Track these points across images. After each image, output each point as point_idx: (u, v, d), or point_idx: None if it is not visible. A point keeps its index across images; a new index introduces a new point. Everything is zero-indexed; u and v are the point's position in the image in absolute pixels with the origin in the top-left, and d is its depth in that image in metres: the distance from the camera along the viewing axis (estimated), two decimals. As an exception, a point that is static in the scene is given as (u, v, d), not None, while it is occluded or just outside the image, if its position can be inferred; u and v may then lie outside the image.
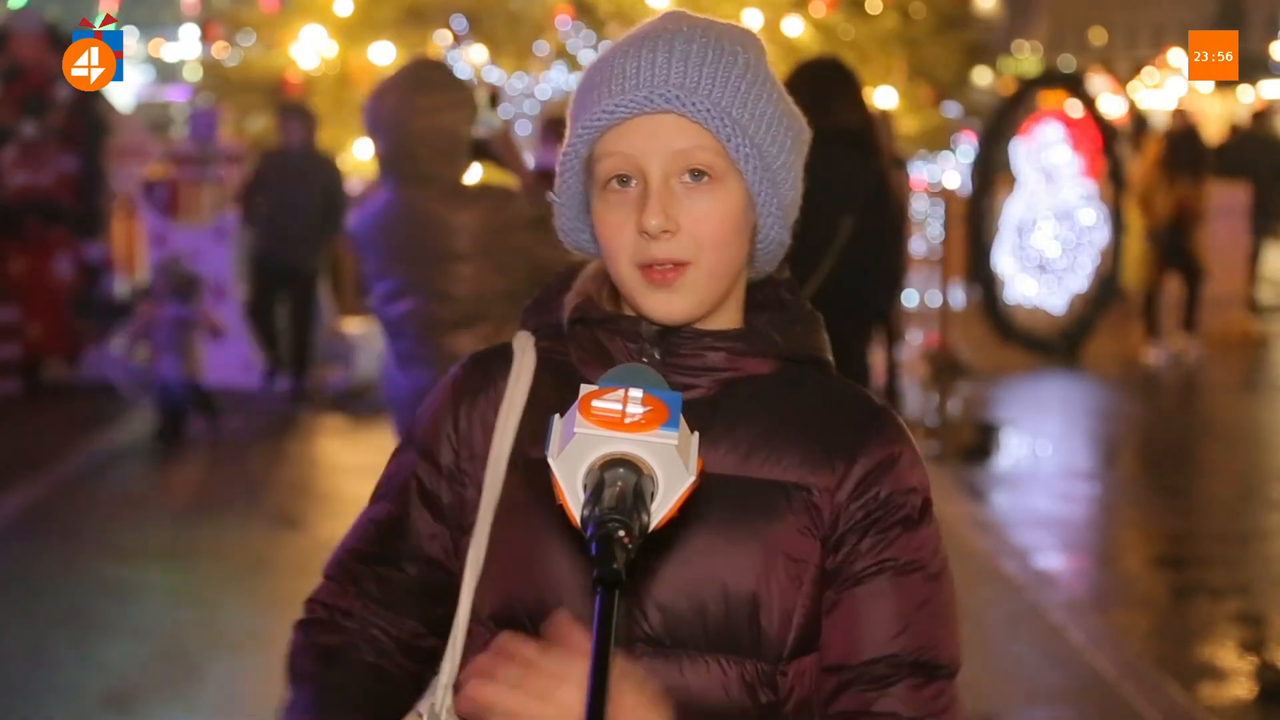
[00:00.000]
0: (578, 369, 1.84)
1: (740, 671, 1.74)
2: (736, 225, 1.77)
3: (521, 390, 1.85)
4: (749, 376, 1.82)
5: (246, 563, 7.32)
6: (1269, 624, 6.71)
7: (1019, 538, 7.89)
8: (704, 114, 1.73)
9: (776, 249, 1.84)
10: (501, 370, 1.87)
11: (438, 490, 1.87)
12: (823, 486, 1.78)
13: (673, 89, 1.72)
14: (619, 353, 1.80)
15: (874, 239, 5.14)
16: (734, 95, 1.75)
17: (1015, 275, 13.98)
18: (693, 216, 1.74)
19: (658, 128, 1.74)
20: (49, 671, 5.83)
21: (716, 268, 1.77)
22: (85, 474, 9.26)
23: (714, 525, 1.74)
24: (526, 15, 12.85)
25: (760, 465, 1.77)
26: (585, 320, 1.84)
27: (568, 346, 1.86)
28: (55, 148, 11.77)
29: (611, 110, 1.74)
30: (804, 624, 1.76)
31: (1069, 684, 5.88)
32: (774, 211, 1.79)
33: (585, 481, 1.54)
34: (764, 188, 1.77)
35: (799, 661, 1.77)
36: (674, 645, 1.74)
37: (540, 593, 1.76)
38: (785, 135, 1.80)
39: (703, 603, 1.74)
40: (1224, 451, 10.69)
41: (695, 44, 1.76)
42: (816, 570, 1.77)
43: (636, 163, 1.74)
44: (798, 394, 1.83)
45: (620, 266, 1.78)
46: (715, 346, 1.80)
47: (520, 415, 1.84)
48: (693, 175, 1.75)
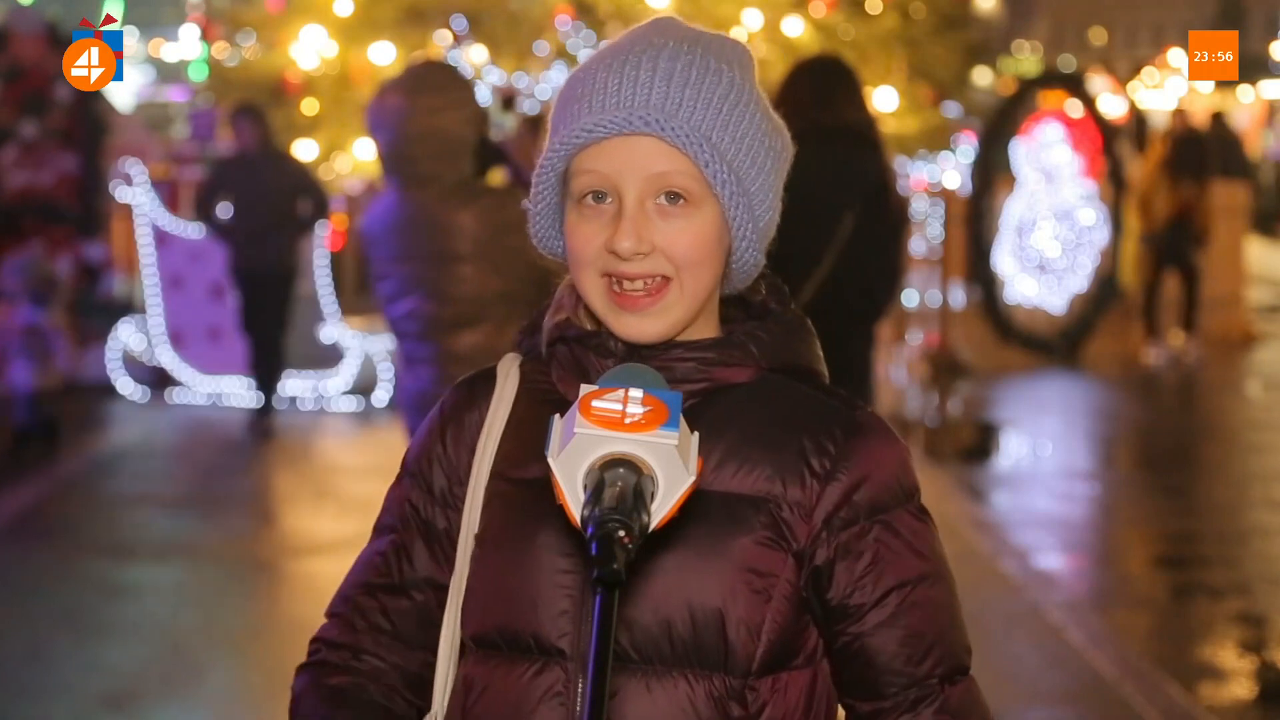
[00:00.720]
0: (556, 386, 1.83)
1: (708, 687, 1.73)
2: (710, 249, 1.76)
3: (502, 414, 1.84)
4: (728, 386, 1.79)
5: (246, 563, 7.32)
6: (1269, 624, 6.71)
7: (1019, 538, 7.89)
8: (683, 139, 1.71)
9: (749, 270, 1.82)
10: (485, 393, 1.87)
11: (432, 517, 1.87)
12: (794, 500, 1.76)
13: (652, 111, 1.71)
14: (593, 368, 1.79)
15: (875, 236, 5.14)
16: (715, 118, 1.73)
17: (1015, 275, 13.98)
18: (667, 238, 1.73)
19: (635, 149, 1.72)
20: (48, 671, 5.83)
21: (692, 289, 1.75)
22: (85, 474, 9.26)
23: (683, 540, 1.72)
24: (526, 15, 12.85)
25: (730, 478, 1.75)
26: (564, 339, 1.83)
27: (548, 367, 1.85)
28: (55, 148, 11.77)
29: (590, 129, 1.72)
30: (774, 639, 1.75)
31: (1069, 684, 5.88)
32: (749, 235, 1.77)
33: (585, 481, 1.54)
34: (740, 212, 1.75)
35: (774, 678, 1.76)
36: (641, 661, 1.73)
37: (512, 608, 1.76)
38: (765, 157, 1.78)
39: (669, 619, 1.73)
40: (1223, 451, 10.69)
41: (680, 61, 1.74)
42: (788, 585, 1.75)
43: (612, 182, 1.73)
44: (773, 404, 1.80)
45: (585, 276, 1.77)
46: (685, 357, 1.78)
47: (499, 438, 1.83)
48: (668, 198, 1.73)
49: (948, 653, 1.78)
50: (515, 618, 1.76)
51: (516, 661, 1.76)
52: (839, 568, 1.76)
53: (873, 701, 1.78)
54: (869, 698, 1.79)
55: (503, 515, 1.80)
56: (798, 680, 1.78)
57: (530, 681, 1.75)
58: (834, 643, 1.79)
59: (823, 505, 1.76)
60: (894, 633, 1.76)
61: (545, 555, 1.76)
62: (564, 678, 1.74)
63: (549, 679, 1.75)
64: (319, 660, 1.89)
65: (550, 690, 1.74)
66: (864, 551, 1.76)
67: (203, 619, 6.62)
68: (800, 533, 1.76)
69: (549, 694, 1.74)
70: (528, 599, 1.76)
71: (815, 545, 1.76)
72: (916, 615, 1.77)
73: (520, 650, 1.76)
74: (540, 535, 1.76)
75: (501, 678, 1.77)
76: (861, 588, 1.76)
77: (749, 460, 1.76)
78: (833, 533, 1.76)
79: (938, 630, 1.78)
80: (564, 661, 1.74)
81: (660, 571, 1.72)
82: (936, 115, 14.81)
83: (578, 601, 1.74)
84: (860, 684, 1.79)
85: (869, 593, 1.76)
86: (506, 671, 1.77)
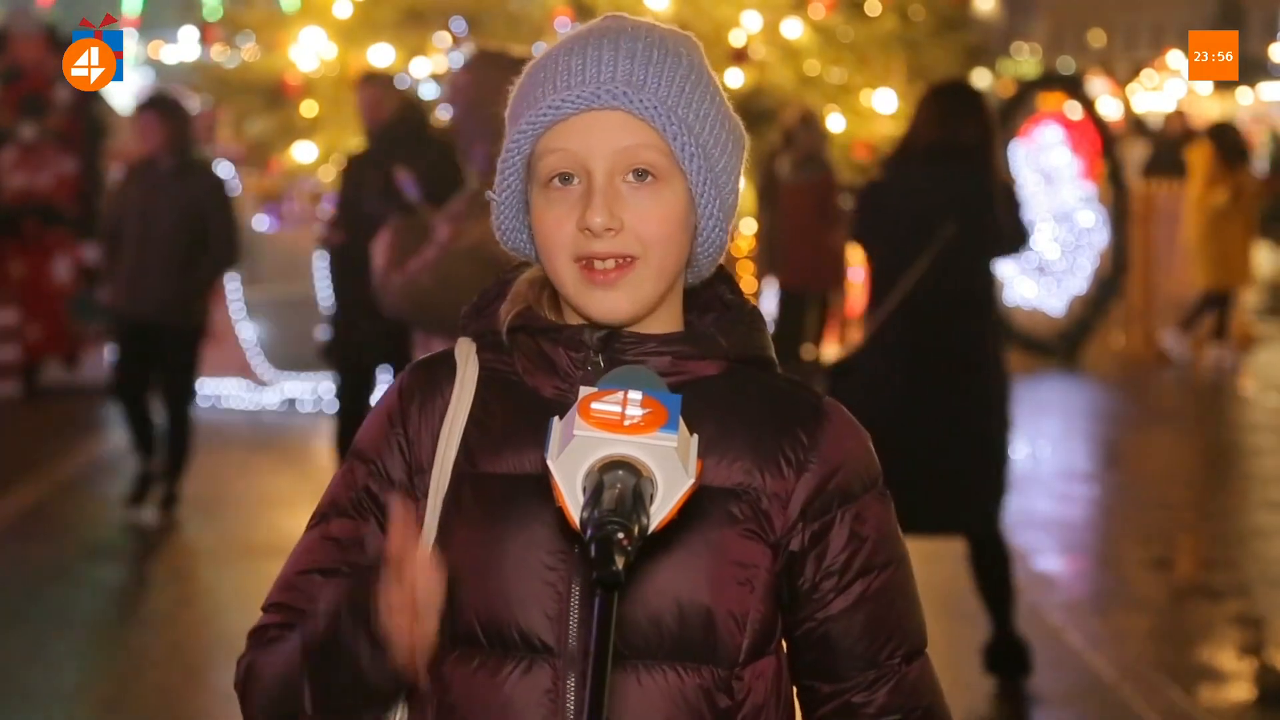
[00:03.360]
0: (523, 378, 1.81)
1: (697, 679, 1.74)
2: (679, 225, 1.76)
3: (465, 402, 1.81)
4: (696, 380, 1.79)
5: (245, 564, 7.31)
6: (1268, 626, 6.71)
7: (1018, 539, 7.86)
8: (651, 111, 1.71)
9: (715, 251, 1.82)
10: (447, 378, 1.83)
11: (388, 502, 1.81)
12: (773, 491, 1.77)
13: (619, 85, 1.71)
14: (563, 361, 1.78)
15: (976, 247, 5.59)
16: (679, 95, 1.74)
17: (1014, 277, 13.97)
18: (636, 215, 1.73)
19: (603, 124, 1.72)
20: (47, 674, 5.82)
21: (660, 266, 1.76)
22: (84, 476, 9.25)
23: (668, 534, 1.71)
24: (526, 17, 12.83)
25: (710, 470, 1.74)
26: (528, 329, 1.81)
27: (510, 357, 1.82)
28: (54, 150, 11.76)
29: (557, 106, 1.72)
30: (758, 629, 1.77)
31: (1068, 686, 5.88)
32: (715, 214, 1.78)
33: (585, 484, 1.54)
34: (707, 189, 1.76)
35: (754, 665, 1.78)
36: (630, 655, 1.73)
37: (496, 606, 1.75)
38: (728, 138, 1.79)
39: (657, 613, 1.73)
40: (1222, 453, 10.69)
41: (640, 43, 1.75)
42: (768, 574, 1.77)
43: (580, 160, 1.73)
44: (744, 395, 1.81)
45: (558, 262, 1.76)
46: (661, 351, 1.78)
47: (464, 428, 1.80)
48: (636, 175, 1.73)
49: (906, 635, 1.82)
50: (499, 614, 1.75)
51: (502, 660, 1.75)
52: (810, 555, 1.79)
53: (833, 683, 1.81)
54: (830, 680, 1.81)
55: (477, 509, 1.78)
56: (769, 666, 1.80)
57: (519, 680, 1.74)
58: (797, 628, 1.81)
59: (798, 495, 1.78)
60: (858, 618, 1.79)
61: (530, 552, 1.75)
62: (553, 674, 1.74)
63: (538, 676, 1.74)
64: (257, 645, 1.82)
65: (540, 688, 1.74)
66: (834, 540, 1.79)
67: (201, 620, 6.62)
68: (778, 523, 1.78)
69: (538, 692, 1.74)
70: (513, 596, 1.74)
71: (790, 534, 1.78)
72: (880, 601, 1.80)
73: (505, 648, 1.75)
74: (523, 532, 1.75)
75: (486, 676, 1.75)
76: (830, 575, 1.79)
77: (729, 453, 1.77)
78: (807, 522, 1.78)
79: (898, 614, 1.82)
80: (552, 659, 1.74)
81: (650, 566, 1.73)
82: (936, 117, 14.79)
83: (565, 598, 1.74)
84: (822, 667, 1.82)
85: (836, 579, 1.79)
86: (493, 670, 1.75)
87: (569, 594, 1.74)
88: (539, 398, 1.78)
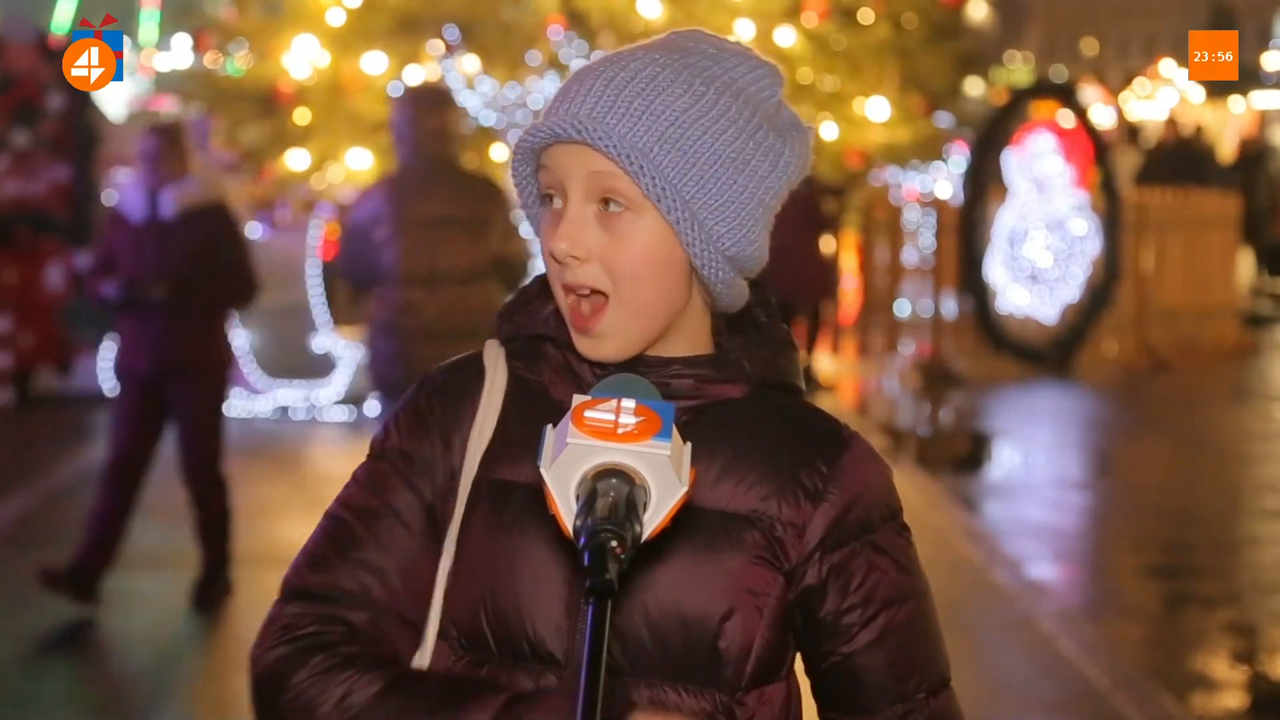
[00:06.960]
0: (548, 388, 1.81)
1: (698, 701, 1.74)
2: (654, 259, 1.73)
3: (494, 408, 1.81)
4: (720, 402, 1.79)
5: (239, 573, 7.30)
6: (1260, 634, 6.72)
7: (1011, 548, 7.89)
8: (609, 144, 1.69)
9: (735, 288, 1.78)
10: (477, 382, 1.83)
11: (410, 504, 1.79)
12: (788, 520, 1.76)
13: (583, 120, 1.70)
14: (587, 377, 1.78)
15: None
16: (653, 128, 1.70)
17: (1007, 285, 13.99)
18: (604, 246, 1.72)
19: (577, 152, 1.72)
20: (42, 682, 5.81)
21: (635, 303, 1.73)
22: (77, 484, 9.23)
23: (678, 555, 1.72)
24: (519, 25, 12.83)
25: (726, 494, 1.75)
26: (556, 341, 1.81)
27: (538, 364, 1.82)
28: (46, 157, 11.76)
29: (533, 134, 1.74)
30: (763, 655, 1.76)
31: (1061, 694, 5.88)
32: (701, 250, 1.72)
33: (578, 492, 1.54)
34: (683, 224, 1.71)
35: (759, 691, 1.77)
36: (633, 673, 1.73)
37: (508, 615, 1.75)
38: (724, 173, 1.72)
39: (663, 633, 1.73)
40: (1214, 461, 10.70)
41: (644, 72, 1.73)
42: (777, 602, 1.76)
43: (559, 181, 1.74)
44: (766, 421, 1.79)
45: (554, 286, 1.77)
46: (683, 374, 1.77)
47: (491, 434, 1.80)
48: (605, 204, 1.72)
49: (932, 668, 1.82)
50: (511, 623, 1.75)
51: (513, 669, 1.74)
52: (830, 588, 1.77)
53: (860, 717, 1.80)
54: (857, 713, 1.80)
55: (496, 517, 1.77)
56: (779, 692, 1.79)
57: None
58: (822, 661, 1.80)
59: (815, 526, 1.76)
60: (883, 652, 1.78)
61: (545, 563, 1.74)
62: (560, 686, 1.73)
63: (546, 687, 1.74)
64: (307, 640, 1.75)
65: None
66: (855, 572, 1.77)
67: (195, 629, 6.60)
68: (792, 552, 1.76)
69: None
70: (525, 606, 1.74)
71: (806, 565, 1.77)
72: (904, 633, 1.79)
73: (516, 657, 1.75)
74: (539, 543, 1.75)
75: None
76: (852, 608, 1.77)
77: (746, 478, 1.76)
78: (825, 554, 1.77)
79: (923, 646, 1.81)
80: (560, 671, 1.74)
81: (655, 585, 1.72)
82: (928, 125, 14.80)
83: (573, 611, 1.74)
84: (849, 701, 1.80)
85: (859, 613, 1.77)
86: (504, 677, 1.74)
87: (578, 606, 1.74)
88: (563, 409, 1.78)
